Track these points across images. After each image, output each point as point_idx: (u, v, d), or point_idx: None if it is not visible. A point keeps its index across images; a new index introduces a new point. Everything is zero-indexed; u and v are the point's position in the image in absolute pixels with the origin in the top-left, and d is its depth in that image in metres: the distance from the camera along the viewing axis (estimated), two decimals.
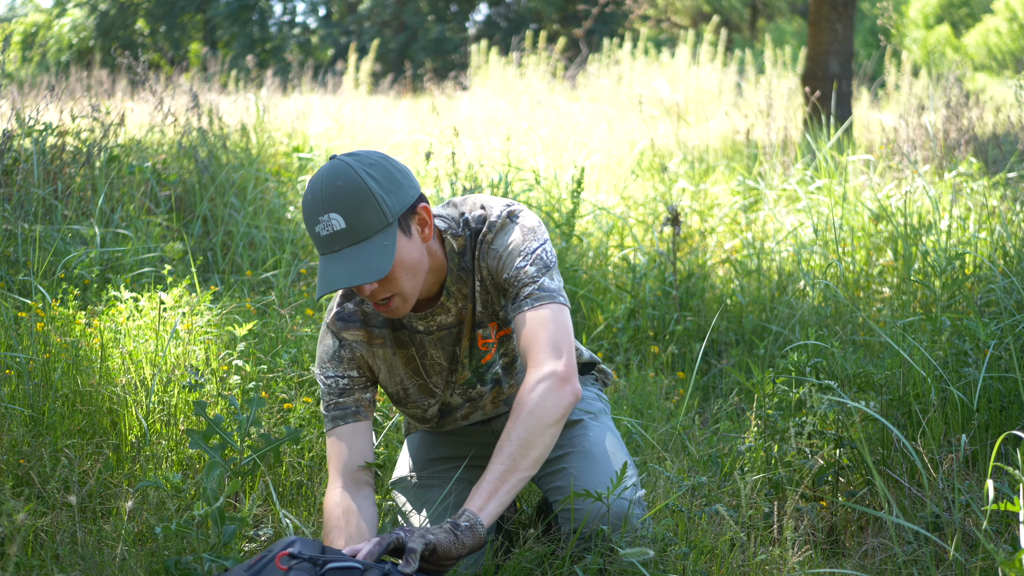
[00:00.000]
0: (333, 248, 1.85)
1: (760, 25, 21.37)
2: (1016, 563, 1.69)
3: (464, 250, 2.03)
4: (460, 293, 2.05)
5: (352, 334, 2.06)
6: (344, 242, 1.84)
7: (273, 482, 2.51)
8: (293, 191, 5.04)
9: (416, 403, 2.14)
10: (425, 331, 2.06)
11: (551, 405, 1.87)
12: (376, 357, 2.08)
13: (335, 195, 1.83)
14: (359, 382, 2.07)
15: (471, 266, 2.04)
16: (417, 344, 2.08)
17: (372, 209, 1.84)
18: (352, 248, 1.84)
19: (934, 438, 2.45)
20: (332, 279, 1.84)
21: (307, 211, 1.87)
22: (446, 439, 2.31)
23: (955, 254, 3.41)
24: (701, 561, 1.99)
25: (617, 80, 10.24)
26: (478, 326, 2.07)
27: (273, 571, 1.66)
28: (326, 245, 1.85)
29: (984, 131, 5.57)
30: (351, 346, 2.06)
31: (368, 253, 1.84)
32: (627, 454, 2.16)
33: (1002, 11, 19.55)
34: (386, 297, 1.90)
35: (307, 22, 24.63)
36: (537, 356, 1.90)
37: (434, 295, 2.04)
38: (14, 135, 4.06)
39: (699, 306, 3.97)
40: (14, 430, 2.46)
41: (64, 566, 2.01)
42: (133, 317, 2.98)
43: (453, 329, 2.07)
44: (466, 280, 2.04)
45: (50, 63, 19.19)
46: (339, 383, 2.05)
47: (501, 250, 2.00)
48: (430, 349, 2.08)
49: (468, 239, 2.03)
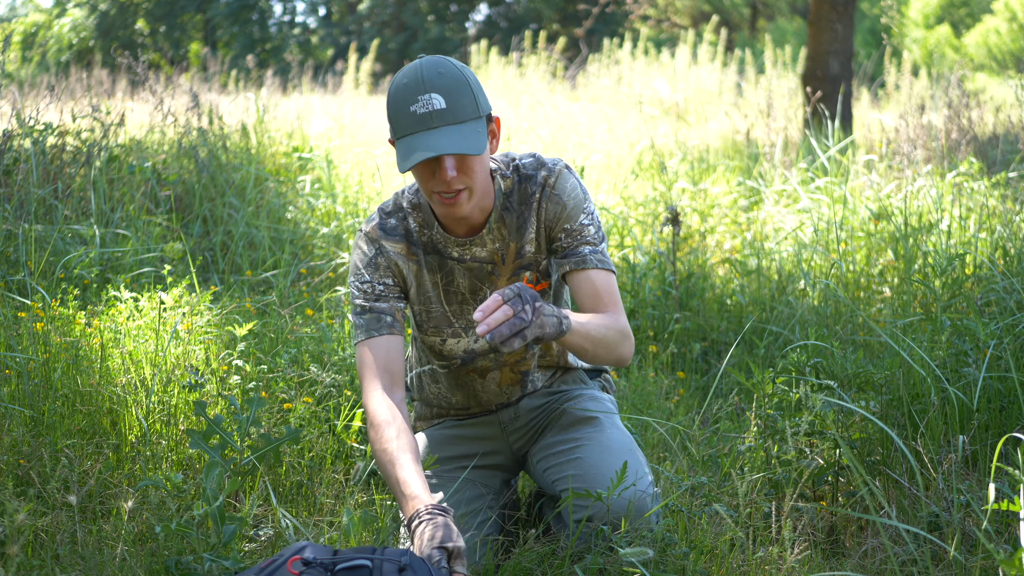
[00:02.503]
0: (430, 125, 1.93)
1: (760, 25, 21.37)
2: (1016, 563, 1.69)
3: (511, 191, 2.13)
4: (499, 232, 2.14)
5: (392, 245, 2.15)
6: (443, 121, 1.93)
7: (273, 482, 2.51)
8: (293, 191, 5.04)
9: (436, 329, 2.19)
10: (459, 259, 2.15)
11: (613, 341, 2.04)
12: (410, 272, 2.16)
13: (437, 80, 1.94)
14: (393, 291, 2.14)
15: (518, 207, 2.12)
16: (447, 270, 2.16)
17: (469, 99, 1.96)
18: (449, 127, 1.93)
19: (934, 438, 2.45)
20: (432, 147, 1.91)
21: (404, 92, 1.94)
22: (454, 438, 2.31)
23: (955, 254, 3.41)
24: (701, 561, 1.99)
25: (617, 80, 10.24)
26: (524, 267, 2.14)
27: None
28: (422, 122, 1.93)
29: (984, 131, 5.57)
30: (389, 255, 2.14)
31: (465, 133, 1.94)
32: (642, 453, 2.17)
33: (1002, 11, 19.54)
34: (457, 189, 1.98)
35: (307, 22, 24.63)
36: (611, 310, 2.08)
37: (477, 225, 2.12)
38: (14, 135, 4.06)
39: (699, 306, 3.97)
40: (14, 430, 2.46)
41: (64, 566, 2.01)
42: (133, 317, 2.98)
43: (485, 265, 2.15)
44: (507, 221, 2.13)
45: (50, 63, 19.19)
46: (375, 288, 2.12)
47: (566, 199, 2.11)
48: (458, 277, 2.16)
49: (516, 183, 2.13)
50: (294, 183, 5.14)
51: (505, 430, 2.30)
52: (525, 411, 2.30)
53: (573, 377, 2.35)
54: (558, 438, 2.21)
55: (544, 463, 2.20)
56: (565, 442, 2.18)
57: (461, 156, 1.96)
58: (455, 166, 1.96)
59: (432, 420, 2.38)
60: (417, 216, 2.16)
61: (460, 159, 1.97)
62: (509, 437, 2.30)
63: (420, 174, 2.00)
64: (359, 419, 2.71)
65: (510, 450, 2.31)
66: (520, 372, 2.26)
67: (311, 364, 2.90)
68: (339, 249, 4.41)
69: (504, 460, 2.32)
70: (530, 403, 2.30)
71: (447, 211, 2.03)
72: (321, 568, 1.66)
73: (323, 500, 2.46)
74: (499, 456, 2.32)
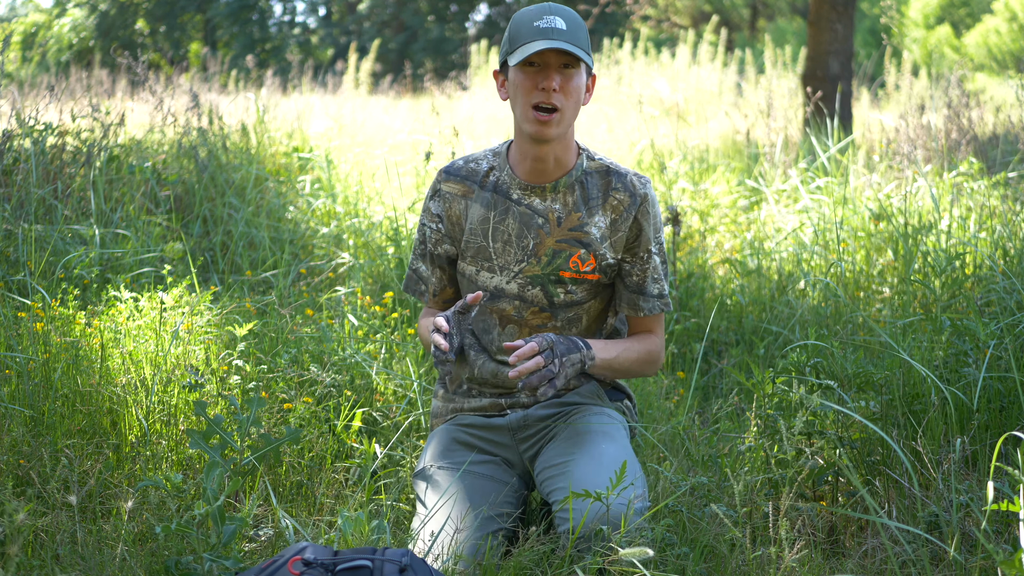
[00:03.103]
0: (550, 37, 2.12)
1: (760, 25, 21.37)
2: (1016, 563, 1.69)
3: (593, 172, 2.29)
4: (564, 196, 2.27)
5: (451, 186, 2.33)
6: (562, 37, 2.12)
7: (273, 482, 2.51)
8: (293, 191, 5.04)
9: (474, 259, 2.32)
10: (516, 201, 2.28)
11: (637, 371, 2.34)
12: (463, 208, 2.32)
13: (562, 11, 2.16)
14: (438, 234, 2.35)
15: (597, 191, 2.27)
16: (501, 209, 2.29)
17: (585, 37, 2.17)
18: (566, 43, 2.12)
19: (934, 438, 2.45)
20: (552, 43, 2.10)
21: (529, 14, 2.16)
22: (467, 433, 2.32)
23: (955, 254, 3.40)
24: (701, 561, 1.99)
25: (617, 80, 10.24)
26: (579, 243, 2.26)
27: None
28: (543, 34, 2.12)
29: (984, 131, 5.57)
30: (444, 197, 2.34)
31: (578, 50, 2.12)
32: (638, 465, 2.16)
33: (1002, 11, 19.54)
34: (554, 107, 2.14)
35: (307, 22, 24.63)
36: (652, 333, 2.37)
37: (549, 177, 2.26)
38: (14, 135, 4.06)
39: (699, 306, 3.97)
40: (14, 430, 2.46)
41: (64, 566, 2.01)
42: (133, 317, 2.98)
43: (538, 218, 2.26)
44: (577, 191, 2.27)
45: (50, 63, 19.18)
46: (426, 231, 2.36)
47: (653, 219, 2.30)
48: (509, 218, 2.28)
49: (602, 170, 2.29)
50: (294, 183, 5.13)
51: (516, 437, 2.30)
52: (534, 419, 2.30)
53: (589, 391, 2.35)
54: (556, 451, 2.22)
55: (542, 475, 2.22)
56: (561, 456, 2.19)
57: (567, 76, 2.14)
58: (560, 82, 2.14)
59: (447, 417, 2.39)
60: (493, 160, 2.33)
61: (565, 79, 2.14)
62: (520, 445, 2.31)
63: (524, 84, 2.16)
64: (359, 419, 2.71)
65: (521, 460, 2.31)
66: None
67: (311, 364, 2.90)
68: (339, 249, 4.41)
69: (517, 465, 2.33)
70: (540, 412, 2.30)
71: (538, 129, 2.16)
72: (322, 568, 1.66)
73: (323, 500, 2.46)
74: (512, 466, 2.32)
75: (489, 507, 2.15)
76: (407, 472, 2.56)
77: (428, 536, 2.08)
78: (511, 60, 2.15)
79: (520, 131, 2.23)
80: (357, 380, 2.93)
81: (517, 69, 2.17)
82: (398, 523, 2.39)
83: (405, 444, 2.71)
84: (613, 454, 2.15)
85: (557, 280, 2.27)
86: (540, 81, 2.14)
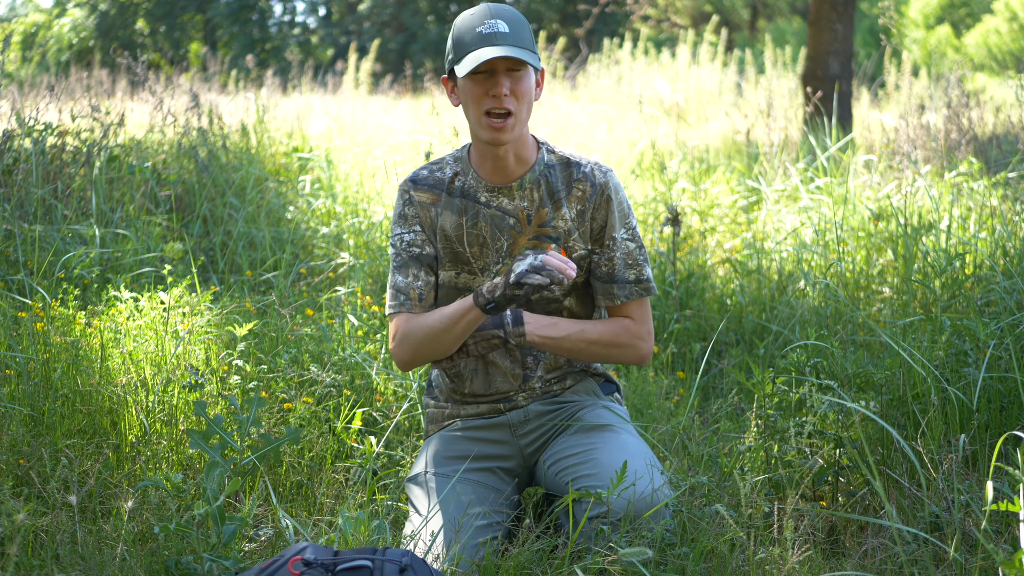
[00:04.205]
0: (494, 42, 2.13)
1: (760, 25, 21.37)
2: (1016, 563, 1.69)
3: (554, 165, 2.29)
4: (530, 193, 2.28)
5: (420, 195, 2.32)
6: (505, 41, 2.14)
7: (273, 482, 2.51)
8: (293, 191, 5.04)
9: (453, 264, 2.32)
10: (485, 204, 2.29)
11: (603, 354, 2.28)
12: (436, 216, 2.32)
13: (503, 12, 2.17)
14: (420, 236, 2.32)
15: (559, 183, 2.28)
16: (472, 214, 2.29)
17: (528, 36, 2.19)
18: (510, 47, 2.13)
19: (934, 438, 2.45)
20: (495, 52, 2.11)
21: (471, 19, 2.17)
22: (465, 439, 2.31)
23: (955, 254, 3.40)
24: (701, 561, 1.99)
25: (617, 80, 10.24)
26: (548, 238, 2.27)
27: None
28: (486, 40, 2.13)
29: (984, 131, 5.57)
30: (416, 205, 2.32)
31: (525, 52, 2.14)
32: (656, 460, 2.19)
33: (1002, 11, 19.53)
34: (507, 111, 2.16)
35: (307, 22, 24.62)
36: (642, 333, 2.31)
37: (512, 177, 2.27)
38: (14, 135, 4.06)
39: (699, 306, 3.97)
40: (14, 430, 2.46)
41: (64, 566, 2.01)
42: (133, 317, 2.98)
43: (508, 218, 2.28)
44: (542, 186, 2.28)
45: (50, 63, 19.18)
46: (404, 238, 2.31)
47: (618, 206, 2.29)
48: (481, 221, 2.29)
49: (562, 163, 2.30)
50: (294, 183, 5.14)
51: (515, 433, 2.30)
52: (535, 415, 2.30)
53: (585, 388, 2.36)
54: (573, 442, 2.22)
55: (557, 466, 2.21)
56: (580, 445, 2.20)
57: (516, 79, 2.15)
58: (509, 86, 2.14)
59: (443, 423, 2.38)
60: (456, 165, 2.33)
61: (514, 82, 2.15)
62: (520, 441, 2.31)
63: (473, 91, 2.17)
64: (359, 419, 2.71)
65: (521, 455, 2.31)
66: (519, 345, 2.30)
67: (311, 364, 2.90)
68: (339, 249, 4.41)
69: (515, 465, 2.32)
70: (540, 408, 2.31)
71: (493, 136, 2.17)
72: (322, 569, 1.66)
73: (323, 500, 2.46)
74: (511, 461, 2.32)
75: (484, 513, 2.15)
76: (407, 472, 2.56)
77: (428, 537, 2.08)
78: (458, 70, 2.15)
79: (476, 136, 2.24)
80: (357, 380, 2.93)
81: (466, 78, 2.17)
82: (398, 523, 2.39)
83: (405, 444, 2.71)
84: (636, 446, 2.19)
85: None
86: (490, 88, 2.15)
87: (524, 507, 2.36)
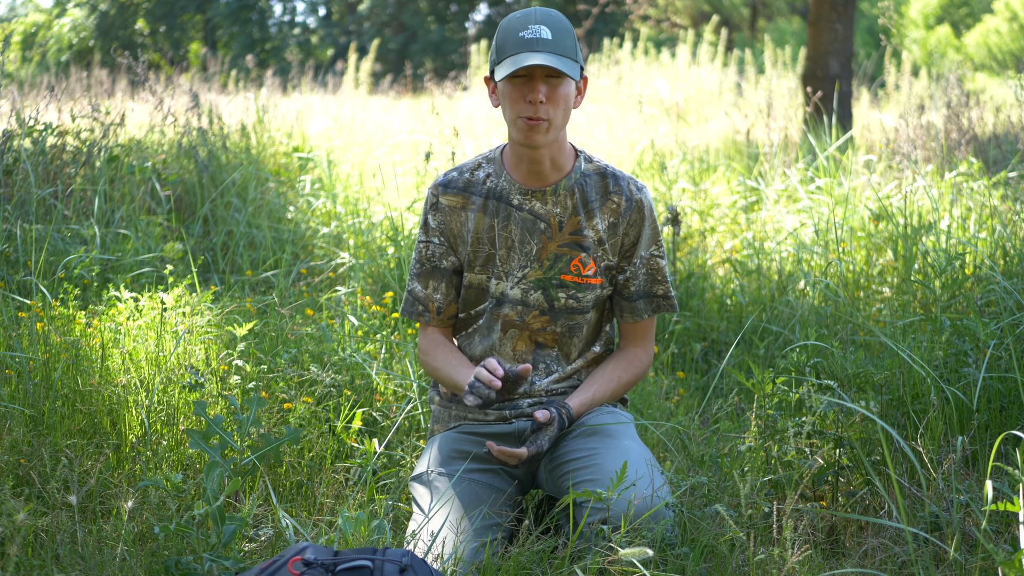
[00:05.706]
0: (535, 48, 2.12)
1: (760, 25, 21.36)
2: (1016, 563, 1.69)
3: (591, 174, 2.30)
4: (564, 200, 2.28)
5: (448, 199, 2.32)
6: (546, 48, 2.13)
7: (273, 482, 2.51)
8: (293, 191, 5.04)
9: (483, 268, 2.32)
10: (518, 206, 2.28)
11: (618, 393, 2.36)
12: (463, 220, 2.32)
13: (547, 18, 2.16)
14: (441, 248, 2.33)
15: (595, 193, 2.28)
16: (503, 215, 2.29)
17: (572, 43, 2.17)
18: (551, 54, 2.12)
19: (934, 438, 2.45)
20: (534, 60, 2.10)
21: (514, 23, 2.16)
22: (469, 440, 2.31)
23: (955, 254, 3.40)
24: (701, 561, 1.99)
25: (617, 80, 10.24)
26: (579, 246, 2.28)
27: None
28: (527, 45, 2.13)
29: (984, 131, 5.57)
30: (443, 211, 2.32)
31: (564, 61, 2.13)
32: (658, 465, 2.20)
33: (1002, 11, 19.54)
34: (541, 117, 2.14)
35: (307, 22, 24.63)
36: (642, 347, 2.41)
37: (547, 181, 2.27)
38: (14, 135, 4.06)
39: (699, 306, 3.97)
40: (14, 430, 2.46)
41: (64, 566, 2.01)
42: (133, 317, 2.98)
43: (539, 222, 2.27)
44: (576, 194, 2.28)
45: (50, 63, 19.18)
46: (426, 249, 2.33)
47: (650, 225, 2.32)
48: (511, 224, 2.29)
49: (599, 172, 2.30)
50: (294, 183, 5.14)
51: (521, 437, 2.30)
52: None
53: None
54: (575, 446, 2.22)
55: (559, 470, 2.21)
56: (583, 450, 2.20)
57: (553, 87, 2.14)
58: (546, 93, 2.13)
59: (448, 424, 2.38)
60: (488, 167, 2.32)
61: (551, 89, 2.14)
62: (525, 444, 2.30)
63: (511, 95, 2.16)
64: (359, 419, 2.71)
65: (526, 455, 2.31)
66: (535, 342, 2.32)
67: (311, 364, 2.90)
68: (339, 249, 4.41)
69: (519, 470, 2.32)
70: None
71: (527, 137, 2.17)
72: (322, 569, 1.66)
73: (323, 500, 2.46)
74: (511, 471, 2.32)
75: (486, 514, 2.15)
76: (407, 472, 2.56)
77: (428, 536, 2.08)
78: (497, 74, 2.16)
79: (512, 138, 2.25)
80: (357, 380, 2.93)
81: (504, 81, 2.17)
82: (398, 523, 2.39)
83: (405, 444, 2.71)
84: (638, 451, 2.18)
85: (559, 284, 2.29)
86: (527, 93, 2.15)
87: (525, 508, 2.36)
